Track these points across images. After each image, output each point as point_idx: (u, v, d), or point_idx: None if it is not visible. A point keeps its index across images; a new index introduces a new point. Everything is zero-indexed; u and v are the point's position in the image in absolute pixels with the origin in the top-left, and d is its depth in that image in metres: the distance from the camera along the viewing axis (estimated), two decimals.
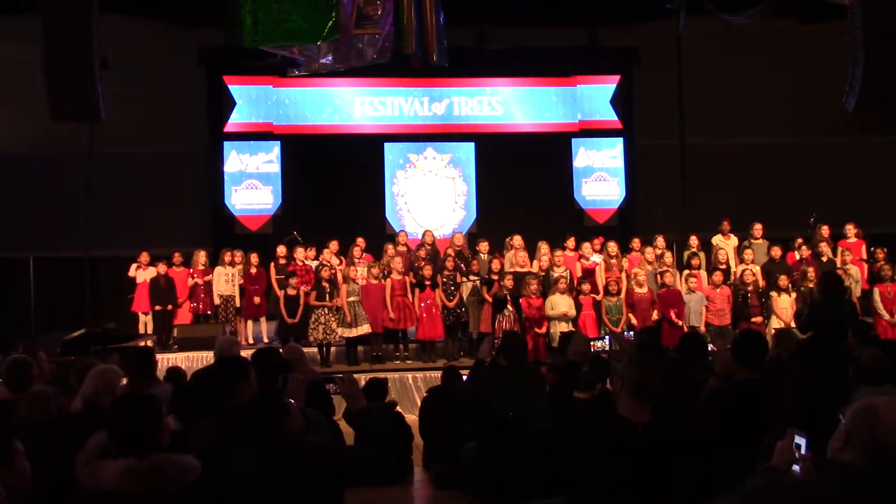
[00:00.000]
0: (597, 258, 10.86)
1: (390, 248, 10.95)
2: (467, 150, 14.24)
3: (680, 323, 9.82)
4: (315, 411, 3.87)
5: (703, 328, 9.83)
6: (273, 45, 7.46)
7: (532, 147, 14.02)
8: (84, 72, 6.87)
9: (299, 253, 10.88)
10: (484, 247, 11.00)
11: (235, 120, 13.73)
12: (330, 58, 8.57)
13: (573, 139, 14.36)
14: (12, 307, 12.09)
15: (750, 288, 10.06)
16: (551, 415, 3.89)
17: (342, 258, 10.99)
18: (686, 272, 10.46)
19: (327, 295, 10.05)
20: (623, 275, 10.51)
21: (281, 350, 5.52)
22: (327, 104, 14.00)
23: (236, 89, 13.73)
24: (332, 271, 10.44)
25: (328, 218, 12.88)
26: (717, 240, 11.36)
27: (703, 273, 10.61)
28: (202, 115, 13.64)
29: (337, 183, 13.55)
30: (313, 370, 6.58)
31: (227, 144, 13.73)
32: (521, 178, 13.77)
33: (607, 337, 9.31)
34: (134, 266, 11.15)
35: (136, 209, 12.98)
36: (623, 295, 10.19)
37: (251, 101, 13.79)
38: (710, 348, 6.35)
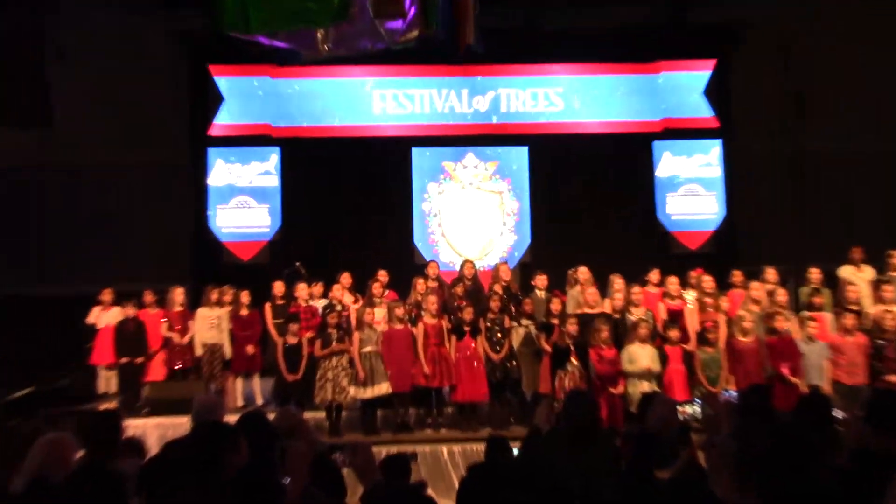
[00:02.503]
0: (688, 296, 10.65)
1: (420, 283, 10.77)
2: (519, 156, 14.07)
3: (796, 381, 9.55)
4: (318, 492, 3.84)
5: (827, 388, 9.50)
6: (269, 30, 7.38)
7: (602, 153, 13.85)
8: (34, 66, 6.91)
9: (302, 290, 10.76)
10: (541, 281, 10.80)
11: (223, 121, 13.77)
12: (336, 44, 8.49)
13: (655, 142, 14.18)
14: None
15: (890, 335, 9.72)
16: (626, 498, 3.79)
17: (358, 296, 10.88)
18: (804, 315, 10.18)
19: (336, 342, 9.98)
20: (722, 318, 10.26)
21: (275, 414, 5.53)
22: (340, 100, 13.96)
23: (225, 82, 13.80)
24: (345, 313, 10.36)
25: (340, 244, 12.87)
26: (845, 272, 11.10)
27: (827, 316, 10.32)
28: (181, 115, 13.69)
29: (351, 200, 13.52)
30: (319, 440, 6.51)
31: (212, 152, 13.74)
32: (589, 192, 13.64)
33: (699, 400, 9.19)
34: (96, 308, 11.14)
35: (97, 235, 13.00)
36: (722, 344, 9.95)
37: (243, 97, 13.81)
38: (836, 414, 6.18)
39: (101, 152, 13.17)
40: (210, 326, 10.69)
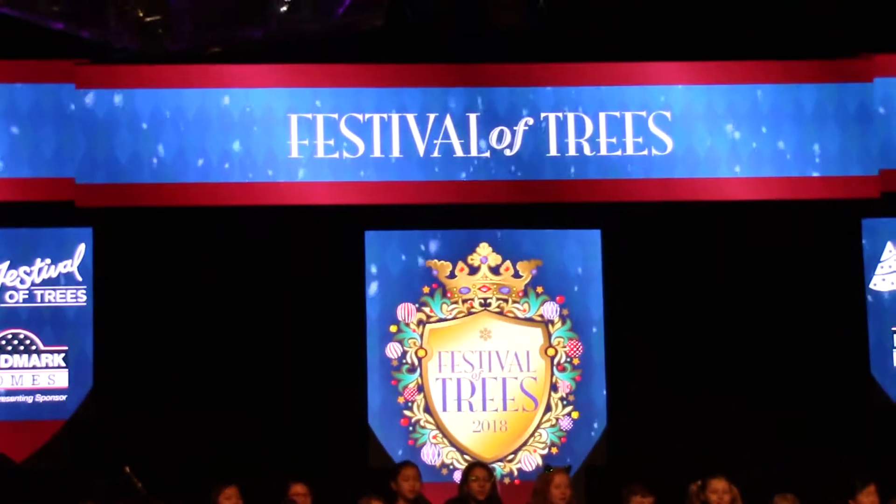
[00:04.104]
0: None
1: None
2: (585, 249, 10.39)
3: None
4: None
5: None
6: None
7: (756, 243, 10.01)
8: None
9: None
10: None
11: None
12: (194, 31, 6.95)
13: (866, 221, 10.27)
14: None
15: None
16: None
17: None
18: None
19: None
20: None
21: None
22: (221, 132, 10.33)
23: None
24: None
25: (217, 429, 9.55)
26: None
27: None
28: None
29: (241, 338, 9.85)
30: None
31: None
32: (728, 326, 9.87)
33: None
34: None
35: None
36: None
37: (20, 125, 10.10)
38: None
39: None
40: None
